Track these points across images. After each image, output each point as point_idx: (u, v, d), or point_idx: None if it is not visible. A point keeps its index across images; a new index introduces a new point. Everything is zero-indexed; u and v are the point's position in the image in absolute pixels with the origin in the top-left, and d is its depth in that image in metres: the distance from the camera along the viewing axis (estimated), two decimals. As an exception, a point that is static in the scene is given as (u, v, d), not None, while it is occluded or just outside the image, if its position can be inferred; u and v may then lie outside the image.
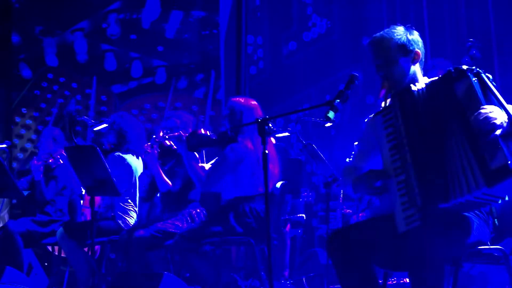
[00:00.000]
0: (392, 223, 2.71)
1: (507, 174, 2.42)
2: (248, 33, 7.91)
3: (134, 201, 5.26)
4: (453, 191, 2.53)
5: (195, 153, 4.52)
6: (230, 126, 4.50)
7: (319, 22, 7.56)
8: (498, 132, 2.45)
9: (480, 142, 2.49)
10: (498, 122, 2.46)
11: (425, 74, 2.99)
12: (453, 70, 2.64)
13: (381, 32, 2.95)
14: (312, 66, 7.52)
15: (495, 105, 2.53)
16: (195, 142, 4.40)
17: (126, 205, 5.21)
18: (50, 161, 5.39)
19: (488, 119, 2.48)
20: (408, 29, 2.96)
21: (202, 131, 4.48)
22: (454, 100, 2.59)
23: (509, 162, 2.41)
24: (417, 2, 6.62)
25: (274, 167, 4.51)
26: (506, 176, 2.43)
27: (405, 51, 2.89)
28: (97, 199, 5.29)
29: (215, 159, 4.80)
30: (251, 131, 4.44)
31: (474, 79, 2.58)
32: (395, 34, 2.91)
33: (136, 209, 5.30)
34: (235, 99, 4.66)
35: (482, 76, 2.58)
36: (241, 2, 7.87)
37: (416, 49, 2.91)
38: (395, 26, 2.96)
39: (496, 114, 2.48)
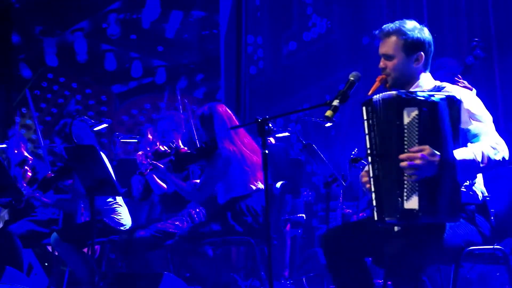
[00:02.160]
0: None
1: (415, 218, 2.50)
2: (248, 33, 7.91)
3: (116, 199, 5.22)
4: (392, 213, 2.58)
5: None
6: (209, 138, 4.53)
7: (319, 22, 7.56)
8: (417, 176, 2.48)
9: (403, 178, 2.52)
10: (419, 169, 2.47)
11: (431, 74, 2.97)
12: (404, 96, 2.56)
13: (392, 24, 2.90)
14: (312, 66, 7.52)
15: (433, 142, 2.50)
16: (181, 163, 4.49)
17: (110, 205, 5.18)
18: (28, 176, 5.37)
19: (411, 164, 2.48)
20: (422, 26, 2.90)
21: (186, 148, 4.55)
22: (401, 126, 2.54)
23: (417, 208, 2.49)
24: (417, 2, 6.62)
25: (258, 158, 4.53)
26: (414, 219, 2.51)
27: (409, 50, 2.86)
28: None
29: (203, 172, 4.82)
30: (223, 131, 4.47)
31: (423, 109, 2.50)
32: (405, 30, 2.86)
33: (121, 203, 5.25)
34: (198, 111, 4.70)
35: (436, 107, 2.50)
36: (241, 2, 7.87)
37: (421, 52, 2.86)
38: (407, 20, 2.91)
39: (422, 160, 2.47)
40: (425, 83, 2.89)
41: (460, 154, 2.58)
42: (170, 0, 8.35)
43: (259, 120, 3.19)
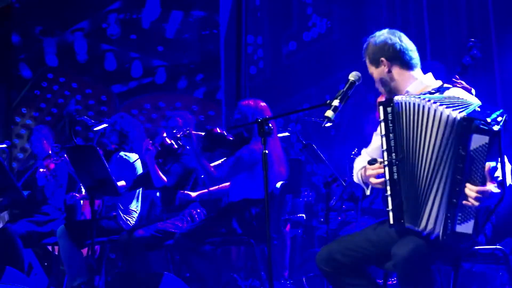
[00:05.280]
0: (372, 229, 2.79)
1: (466, 241, 2.51)
2: (248, 33, 7.90)
3: (137, 200, 5.28)
4: (421, 221, 2.56)
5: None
6: (243, 128, 4.51)
7: (319, 22, 7.56)
8: (480, 203, 2.46)
9: (460, 201, 2.48)
10: (485, 201, 2.45)
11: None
12: (481, 121, 2.46)
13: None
14: (312, 66, 7.52)
15: (499, 170, 2.48)
16: (211, 142, 4.44)
17: (129, 205, 5.22)
18: (52, 166, 5.38)
19: (480, 197, 2.44)
20: (382, 32, 2.92)
21: (218, 130, 4.51)
22: (463, 150, 2.46)
23: (472, 234, 2.47)
24: (417, 2, 6.62)
25: (280, 167, 4.54)
26: (463, 242, 2.52)
27: (374, 62, 2.91)
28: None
29: (223, 160, 4.78)
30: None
31: (493, 139, 2.45)
32: (367, 48, 2.94)
33: (139, 209, 5.31)
34: (244, 102, 4.66)
35: (500, 136, 2.47)
36: (241, 2, 7.87)
37: (381, 58, 2.87)
38: (379, 31, 2.95)
39: (490, 197, 2.45)
40: (425, 82, 2.88)
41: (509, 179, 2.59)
42: (170, 0, 8.35)
43: (259, 120, 3.19)
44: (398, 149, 2.60)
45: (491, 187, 2.45)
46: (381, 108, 2.65)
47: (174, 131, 4.80)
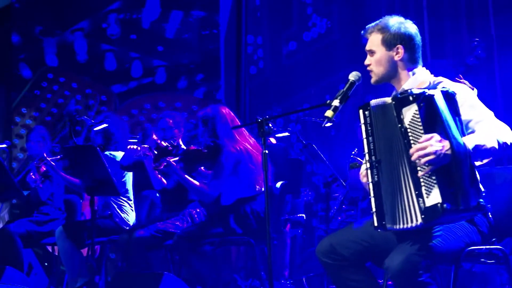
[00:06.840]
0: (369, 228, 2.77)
1: (440, 213, 2.42)
2: (248, 33, 7.90)
3: (129, 197, 5.27)
4: (399, 220, 2.55)
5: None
6: (209, 137, 4.55)
7: (319, 22, 7.56)
8: (432, 166, 2.43)
9: (418, 176, 2.48)
10: (433, 156, 2.43)
11: None
12: (399, 95, 2.56)
13: (377, 21, 2.94)
14: (312, 66, 7.52)
15: (440, 133, 2.47)
16: (190, 162, 4.49)
17: (122, 202, 5.21)
18: (43, 169, 5.37)
19: (423, 154, 2.44)
20: (405, 21, 2.92)
21: (192, 147, 4.57)
22: (402, 127, 2.53)
23: (440, 201, 2.41)
24: (417, 2, 6.62)
25: (258, 158, 4.54)
26: (439, 215, 2.43)
27: (388, 44, 2.87)
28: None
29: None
30: (226, 132, 4.49)
31: (421, 104, 2.48)
32: (384, 26, 2.89)
33: (132, 204, 5.30)
34: (200, 112, 4.72)
35: (433, 100, 2.49)
36: (241, 2, 7.87)
37: (399, 45, 2.87)
38: (392, 16, 2.94)
39: (433, 147, 2.43)
40: (420, 78, 2.87)
41: (470, 140, 2.54)
42: (170, 0, 8.35)
43: (259, 120, 3.19)
44: (377, 151, 2.62)
45: (431, 141, 2.44)
46: (360, 111, 2.68)
47: (159, 167, 4.80)
